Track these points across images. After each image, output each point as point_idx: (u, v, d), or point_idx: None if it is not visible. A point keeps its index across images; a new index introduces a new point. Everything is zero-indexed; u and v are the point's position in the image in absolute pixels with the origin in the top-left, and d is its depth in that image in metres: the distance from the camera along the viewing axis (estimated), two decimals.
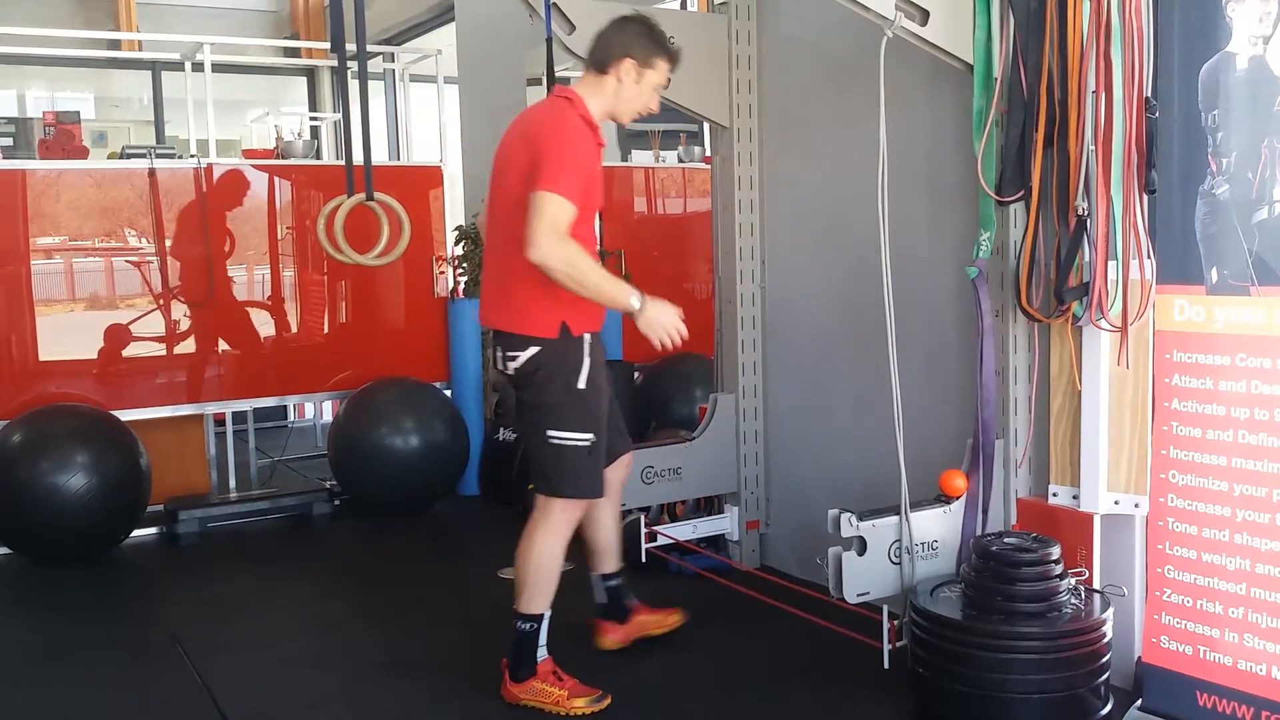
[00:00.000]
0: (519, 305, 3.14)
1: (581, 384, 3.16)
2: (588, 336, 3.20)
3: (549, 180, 2.92)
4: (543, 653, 3.21)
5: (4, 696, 3.55)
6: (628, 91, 3.15)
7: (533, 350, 3.13)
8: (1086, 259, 3.02)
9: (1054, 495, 3.23)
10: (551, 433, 3.14)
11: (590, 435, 3.16)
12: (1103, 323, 3.00)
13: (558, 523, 3.20)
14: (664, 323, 3.07)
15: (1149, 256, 2.93)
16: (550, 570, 3.18)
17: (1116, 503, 3.08)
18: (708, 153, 6.50)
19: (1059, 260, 3.08)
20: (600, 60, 3.14)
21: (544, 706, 3.14)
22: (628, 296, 3.03)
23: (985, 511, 3.30)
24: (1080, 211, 3.01)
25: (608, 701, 3.19)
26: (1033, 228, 3.12)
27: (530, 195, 2.93)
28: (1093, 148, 2.95)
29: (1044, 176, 3.09)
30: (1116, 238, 2.94)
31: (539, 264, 2.89)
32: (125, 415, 5.36)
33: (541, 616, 3.18)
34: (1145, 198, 2.93)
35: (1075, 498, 3.16)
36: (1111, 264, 2.96)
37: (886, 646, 3.23)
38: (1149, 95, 2.89)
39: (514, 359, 3.16)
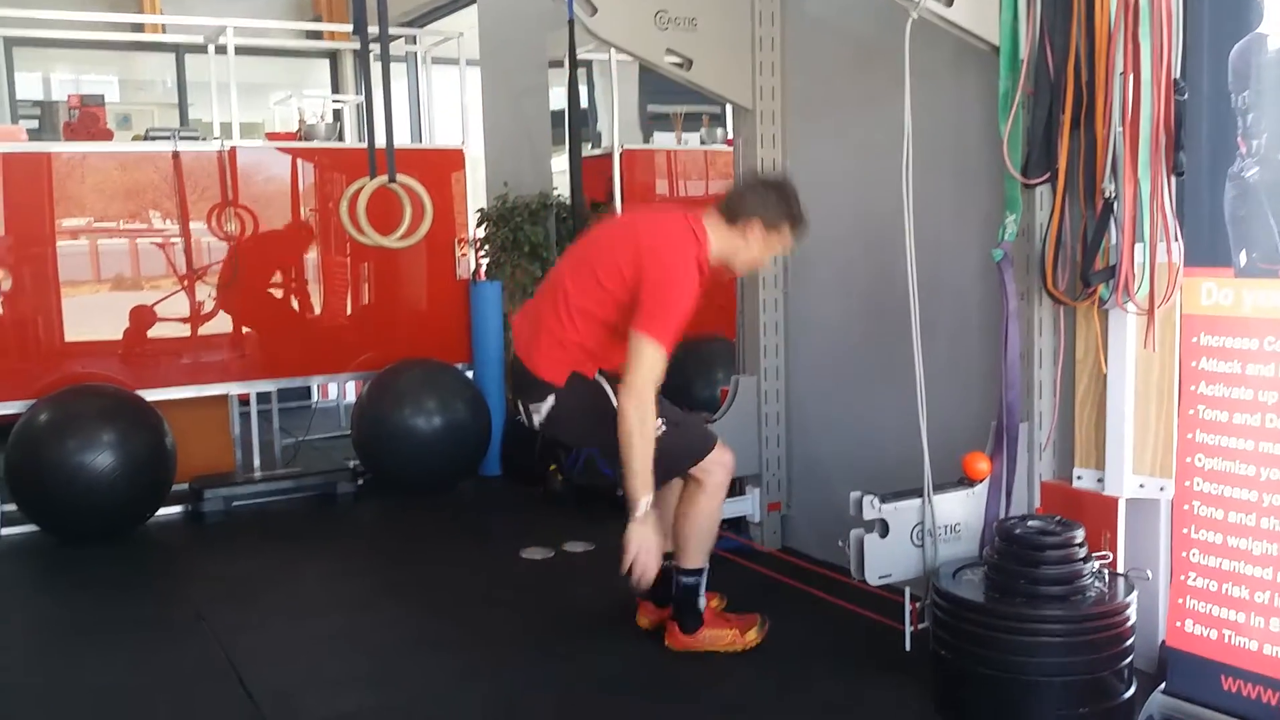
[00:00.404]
0: (541, 352, 3.29)
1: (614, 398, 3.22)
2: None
3: (658, 328, 3.06)
4: (702, 602, 3.40)
5: (32, 673, 3.60)
6: (750, 249, 3.29)
7: (550, 399, 3.27)
8: (1113, 241, 2.99)
9: (1078, 478, 3.22)
10: None
11: (660, 421, 3.20)
12: (1129, 306, 2.98)
13: (709, 484, 3.35)
14: (646, 546, 3.11)
15: (1176, 239, 2.91)
16: (710, 527, 3.39)
17: (1141, 486, 3.07)
18: (730, 135, 6.47)
19: (1085, 243, 3.05)
20: (733, 212, 3.25)
21: (720, 649, 3.38)
22: (643, 495, 3.09)
23: (1009, 494, 3.29)
24: (1107, 194, 2.98)
25: (768, 624, 3.43)
26: (1059, 210, 3.10)
27: (634, 332, 3.07)
28: (1120, 129, 2.92)
29: (1070, 158, 3.06)
30: (1144, 220, 2.92)
31: (624, 407, 3.06)
32: (150, 395, 5.40)
33: (703, 570, 3.38)
34: (1173, 180, 2.90)
35: (1100, 481, 3.15)
36: (1138, 246, 2.94)
37: (908, 629, 3.23)
38: (1178, 76, 2.86)
39: (538, 411, 3.29)
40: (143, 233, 5.63)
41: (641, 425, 3.04)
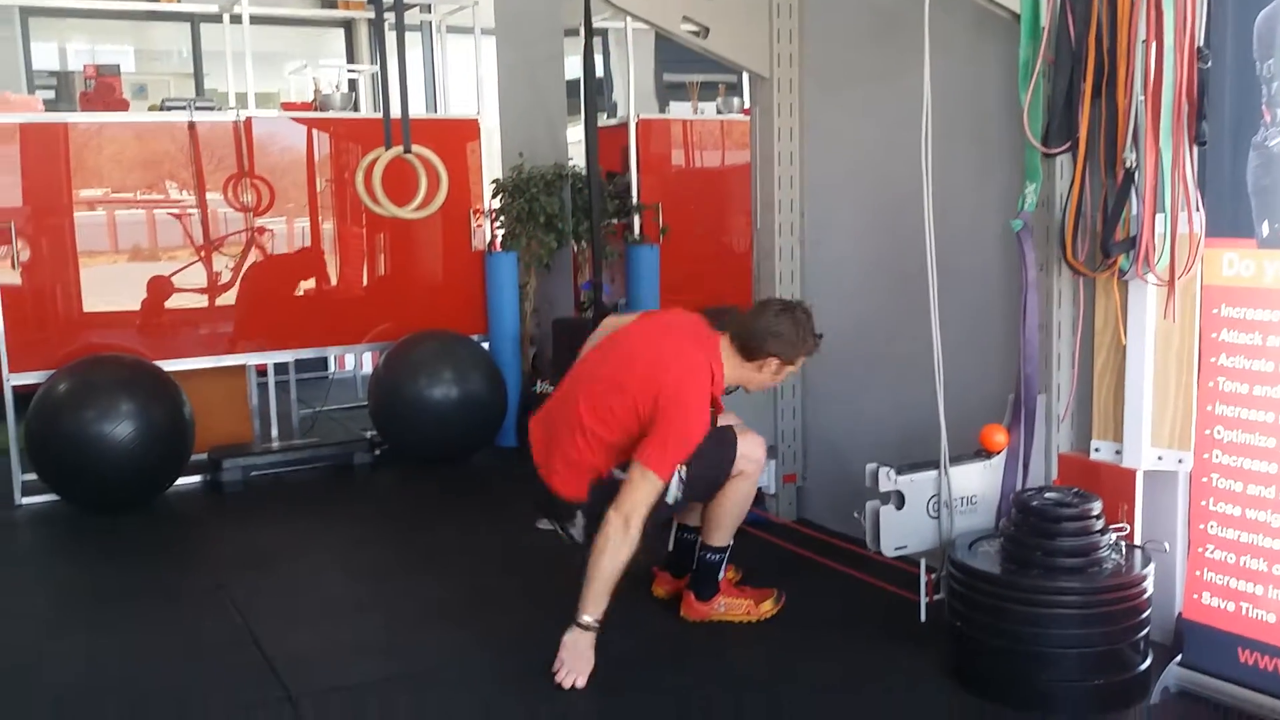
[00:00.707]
0: (558, 472, 3.31)
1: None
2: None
3: (659, 459, 3.08)
4: (722, 574, 3.50)
5: (54, 640, 3.64)
6: (764, 378, 3.35)
7: (579, 515, 3.30)
8: (1134, 212, 2.97)
9: (1096, 451, 3.21)
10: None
11: (674, 471, 3.22)
12: (1149, 276, 2.95)
13: (740, 473, 3.39)
14: (578, 663, 3.07)
15: (1198, 209, 2.88)
16: (741, 510, 3.46)
17: (1160, 458, 3.06)
18: (747, 104, 6.43)
19: (1106, 213, 3.03)
20: (751, 349, 3.27)
21: (735, 619, 3.47)
22: (592, 610, 3.09)
23: (1026, 467, 3.28)
24: (1128, 163, 2.95)
25: (783, 598, 3.51)
26: (1079, 180, 3.07)
27: (638, 462, 3.08)
28: (1142, 98, 2.88)
29: (1091, 127, 3.03)
30: (1165, 190, 2.89)
31: (610, 523, 3.06)
32: (168, 366, 5.43)
33: (728, 547, 3.47)
34: (1195, 149, 2.87)
35: (1118, 453, 3.14)
36: (1159, 217, 2.91)
37: (924, 600, 3.23)
38: (1201, 44, 2.82)
39: (574, 527, 3.32)
40: (160, 203, 5.64)
41: (617, 549, 3.03)
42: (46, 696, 3.18)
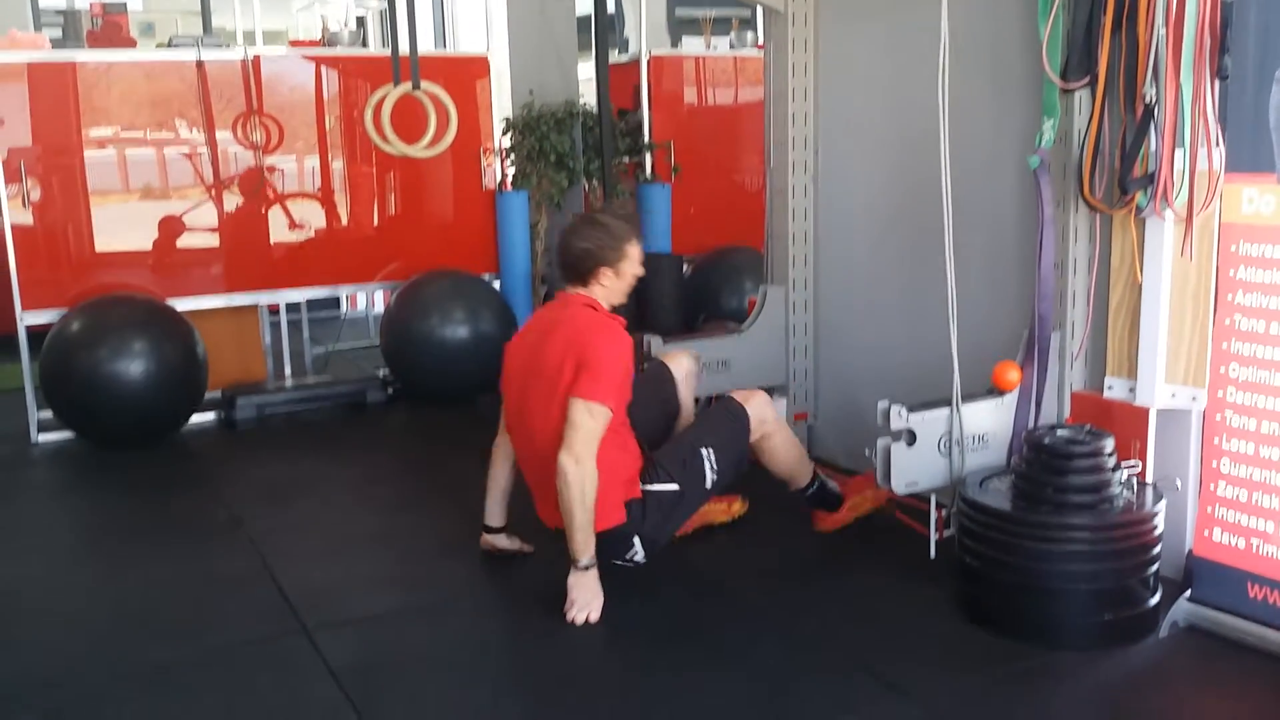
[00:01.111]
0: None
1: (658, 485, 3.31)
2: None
3: (592, 388, 3.07)
4: (832, 486, 3.68)
5: (72, 575, 3.70)
6: (613, 288, 3.32)
7: (636, 542, 3.26)
8: (1153, 148, 2.93)
9: (1109, 388, 3.20)
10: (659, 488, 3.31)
11: (674, 485, 3.29)
12: (1167, 213, 2.92)
13: (768, 436, 3.51)
14: (587, 599, 3.09)
15: (1218, 145, 2.84)
16: (795, 451, 3.61)
17: (1173, 396, 3.05)
18: (760, 39, 6.35)
19: (1124, 149, 2.99)
20: (581, 275, 3.28)
21: (864, 511, 3.67)
22: (585, 553, 3.10)
23: (1039, 404, 3.28)
24: (1148, 98, 2.91)
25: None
26: (1098, 115, 3.03)
27: (571, 399, 3.08)
28: (1163, 31, 2.83)
29: (1111, 62, 2.99)
30: (1185, 125, 2.85)
31: (563, 468, 3.04)
32: (180, 305, 5.45)
33: (816, 478, 3.64)
34: (1217, 83, 2.83)
35: (1131, 391, 3.13)
36: (1179, 152, 2.87)
37: (933, 536, 3.25)
38: None
39: (637, 555, 3.29)
40: (170, 142, 5.62)
41: (582, 491, 3.04)
42: (65, 629, 3.23)
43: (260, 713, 2.71)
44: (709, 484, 3.34)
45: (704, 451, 3.35)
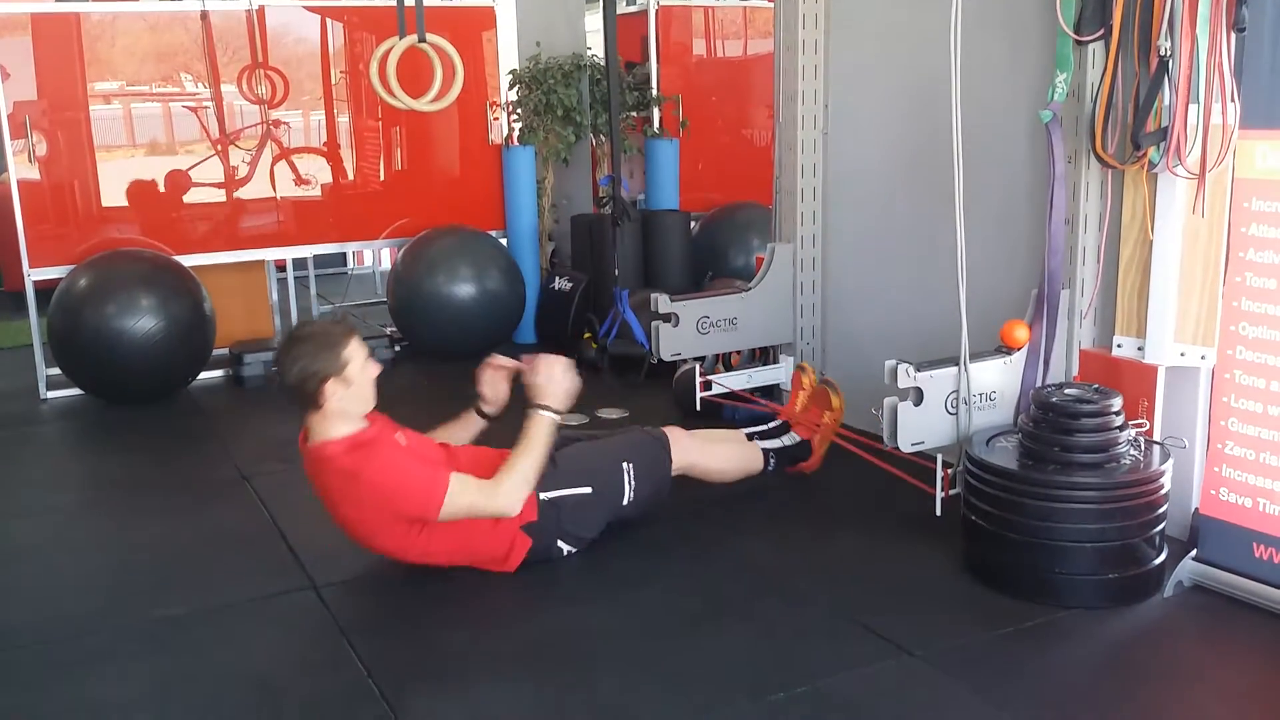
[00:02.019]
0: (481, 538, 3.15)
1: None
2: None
3: (426, 501, 2.94)
4: (790, 439, 3.75)
5: (82, 530, 3.73)
6: (351, 395, 3.00)
7: (552, 543, 3.20)
8: (1166, 102, 2.88)
9: (1118, 347, 3.18)
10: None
11: (585, 489, 3.23)
12: (1179, 169, 2.89)
13: (694, 455, 3.50)
14: (559, 376, 3.17)
15: (1233, 99, 2.80)
16: (733, 462, 3.63)
17: (1182, 354, 3.03)
18: None
19: (1137, 103, 2.95)
20: (309, 400, 2.97)
21: (833, 434, 3.78)
22: (548, 430, 3.12)
23: (1047, 363, 3.26)
24: (1163, 51, 2.86)
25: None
26: (1111, 69, 2.98)
27: (432, 518, 2.96)
28: None
29: (1125, 14, 2.94)
30: (1199, 79, 2.80)
31: (509, 508, 3.02)
32: (187, 261, 5.44)
33: (769, 454, 3.67)
34: (1233, 36, 2.78)
35: (1140, 349, 3.11)
36: (1193, 107, 2.83)
37: (939, 494, 3.25)
38: None
39: (556, 556, 3.23)
40: (175, 96, 5.59)
41: (522, 486, 3.03)
42: (74, 585, 3.26)
43: (269, 669, 2.74)
44: (625, 500, 3.27)
45: (625, 466, 3.29)
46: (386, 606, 3.02)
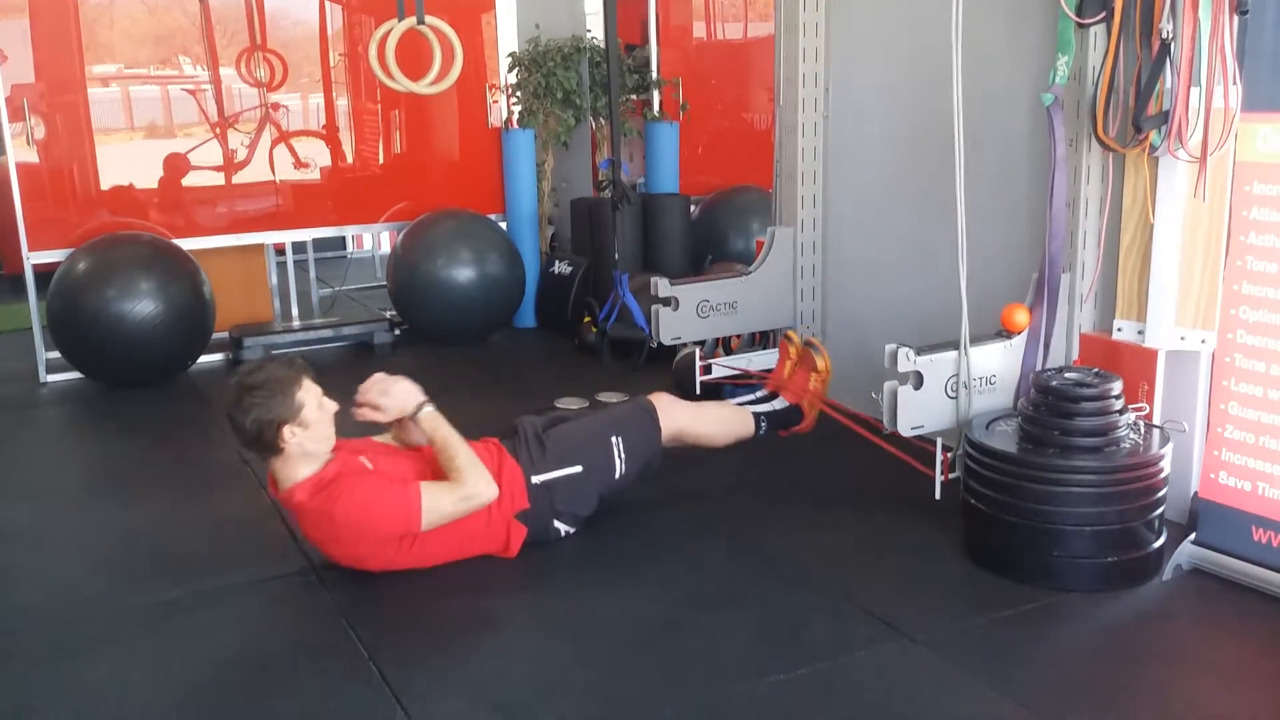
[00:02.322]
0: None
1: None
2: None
3: (404, 519, 2.94)
4: (779, 402, 3.77)
5: (83, 514, 3.73)
6: (309, 436, 2.95)
7: (548, 524, 3.22)
8: (1168, 85, 2.87)
9: (1118, 330, 3.18)
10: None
11: (576, 468, 3.23)
12: (1181, 153, 2.88)
13: (684, 421, 3.49)
14: (391, 387, 3.17)
15: (1235, 83, 2.79)
16: (723, 426, 3.62)
17: (1183, 338, 3.03)
18: None
19: (1139, 86, 2.94)
20: (268, 447, 2.93)
21: (823, 394, 3.84)
22: (442, 421, 3.14)
23: (1047, 347, 3.26)
24: (1165, 34, 2.85)
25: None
26: (1113, 52, 2.97)
27: (417, 530, 2.97)
28: None
29: None
30: (1201, 62, 2.79)
31: (490, 488, 3.04)
32: (186, 244, 5.43)
33: (759, 417, 3.69)
34: (1236, 19, 2.77)
35: (1140, 333, 3.11)
36: (1194, 90, 2.82)
37: (939, 478, 3.25)
38: None
39: (554, 536, 3.26)
40: (174, 79, 5.57)
41: (481, 492, 3.03)
42: (74, 568, 3.26)
43: (269, 651, 2.74)
44: (617, 474, 3.27)
45: (613, 440, 3.29)
46: (385, 589, 3.02)
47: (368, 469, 3.04)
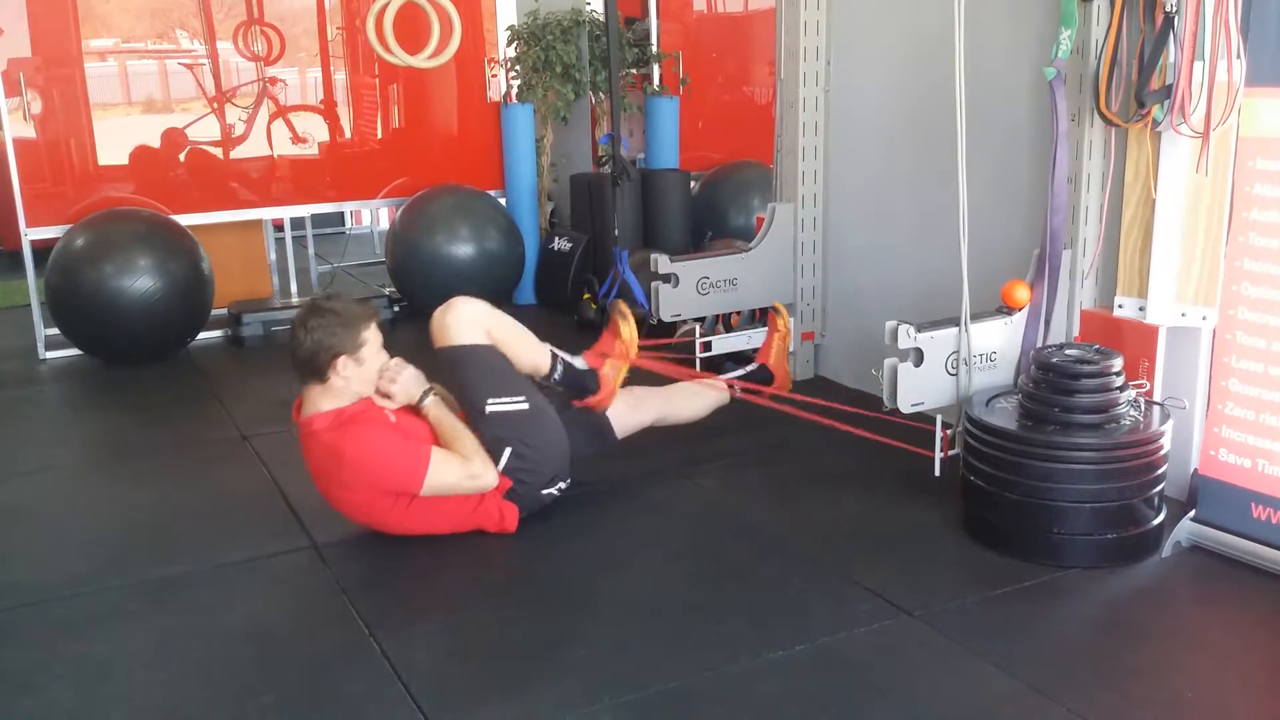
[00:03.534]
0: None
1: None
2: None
3: (408, 477, 2.97)
4: (580, 362, 3.44)
5: (84, 491, 3.73)
6: (356, 377, 3.00)
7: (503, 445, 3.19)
8: (1171, 59, 2.85)
9: (1120, 307, 3.17)
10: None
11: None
12: (1184, 128, 2.86)
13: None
14: (401, 375, 3.14)
15: (1238, 57, 2.76)
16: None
17: (1184, 315, 3.02)
18: None
19: (1142, 60, 2.92)
20: (318, 370, 2.97)
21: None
22: (446, 409, 3.16)
23: (1048, 323, 3.25)
24: (1168, 7, 2.83)
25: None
26: (1116, 25, 2.95)
27: (416, 491, 2.98)
28: None
29: None
30: (1205, 36, 2.77)
31: (493, 475, 3.07)
32: (185, 220, 5.41)
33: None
34: None
35: (1141, 309, 3.10)
36: (1198, 65, 2.80)
37: (939, 455, 3.25)
38: None
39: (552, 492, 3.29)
40: (171, 54, 5.54)
41: (480, 474, 3.06)
42: (75, 545, 3.27)
43: (270, 627, 2.75)
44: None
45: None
46: (386, 565, 3.03)
47: (389, 420, 3.06)
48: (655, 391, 3.64)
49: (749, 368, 3.90)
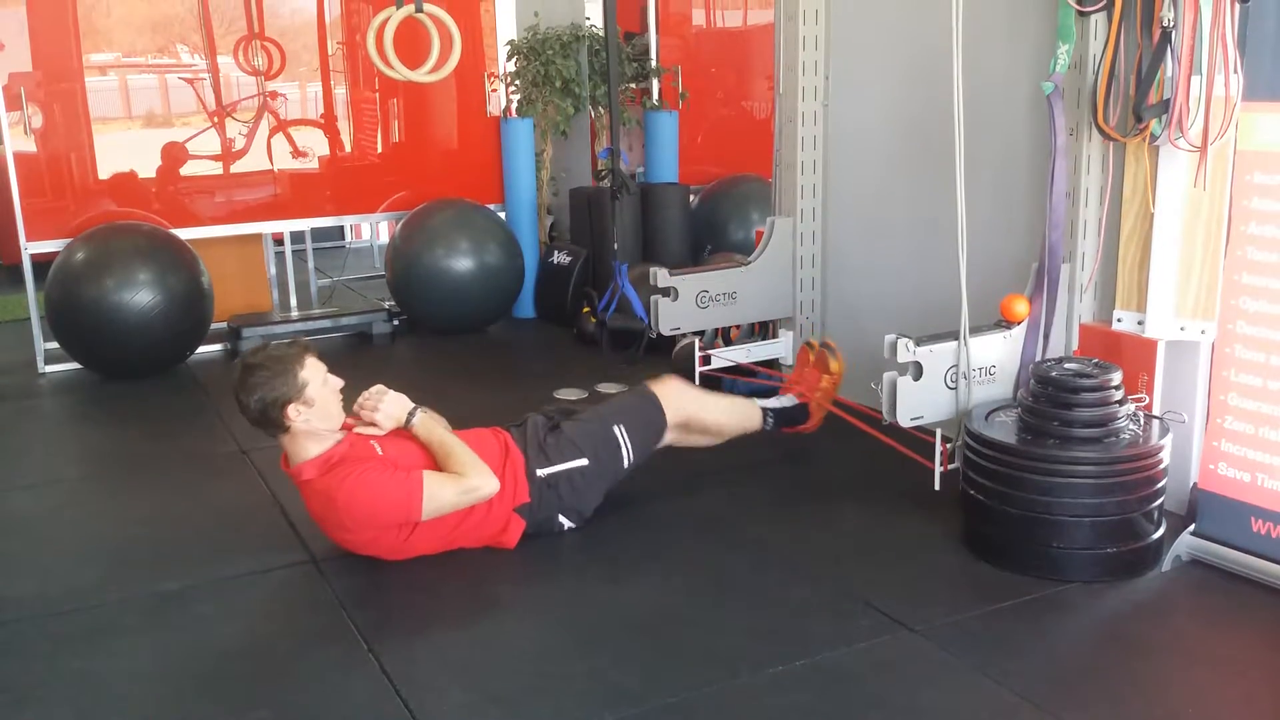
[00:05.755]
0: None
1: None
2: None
3: (406, 508, 2.95)
4: (788, 399, 3.75)
5: (82, 505, 3.72)
6: (315, 414, 2.96)
7: (553, 518, 3.24)
8: (1169, 74, 2.86)
9: (1118, 321, 3.17)
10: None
11: (581, 460, 3.23)
12: (1181, 142, 2.87)
13: (692, 408, 3.49)
14: (383, 401, 3.16)
15: (1236, 71, 2.77)
16: (730, 404, 3.66)
17: (1182, 329, 3.02)
18: None
19: (1139, 75, 2.93)
20: (274, 425, 2.96)
21: (832, 395, 3.82)
22: (436, 425, 3.18)
23: (1047, 337, 3.25)
24: (1165, 22, 2.84)
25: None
26: (1114, 40, 2.96)
27: (416, 519, 2.97)
28: None
29: None
30: (1202, 51, 2.78)
31: (493, 483, 3.04)
32: (185, 234, 5.42)
33: (766, 412, 3.67)
34: (1237, 7, 2.75)
35: (1140, 323, 3.10)
36: (1195, 79, 2.81)
37: (938, 469, 3.25)
38: None
39: (559, 529, 3.27)
40: (171, 68, 5.55)
41: (475, 487, 3.03)
42: (74, 558, 3.26)
43: (268, 642, 2.74)
44: (625, 463, 3.28)
45: (617, 430, 3.29)
46: (384, 579, 3.02)
47: (375, 454, 3.04)
48: (692, 390, 3.56)
49: (786, 402, 3.76)
